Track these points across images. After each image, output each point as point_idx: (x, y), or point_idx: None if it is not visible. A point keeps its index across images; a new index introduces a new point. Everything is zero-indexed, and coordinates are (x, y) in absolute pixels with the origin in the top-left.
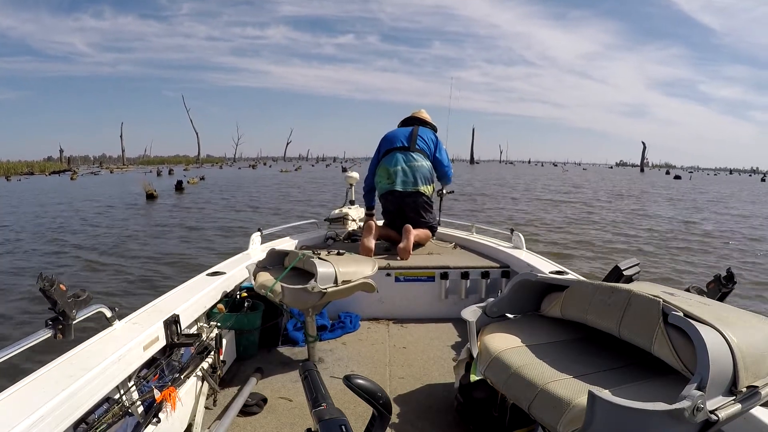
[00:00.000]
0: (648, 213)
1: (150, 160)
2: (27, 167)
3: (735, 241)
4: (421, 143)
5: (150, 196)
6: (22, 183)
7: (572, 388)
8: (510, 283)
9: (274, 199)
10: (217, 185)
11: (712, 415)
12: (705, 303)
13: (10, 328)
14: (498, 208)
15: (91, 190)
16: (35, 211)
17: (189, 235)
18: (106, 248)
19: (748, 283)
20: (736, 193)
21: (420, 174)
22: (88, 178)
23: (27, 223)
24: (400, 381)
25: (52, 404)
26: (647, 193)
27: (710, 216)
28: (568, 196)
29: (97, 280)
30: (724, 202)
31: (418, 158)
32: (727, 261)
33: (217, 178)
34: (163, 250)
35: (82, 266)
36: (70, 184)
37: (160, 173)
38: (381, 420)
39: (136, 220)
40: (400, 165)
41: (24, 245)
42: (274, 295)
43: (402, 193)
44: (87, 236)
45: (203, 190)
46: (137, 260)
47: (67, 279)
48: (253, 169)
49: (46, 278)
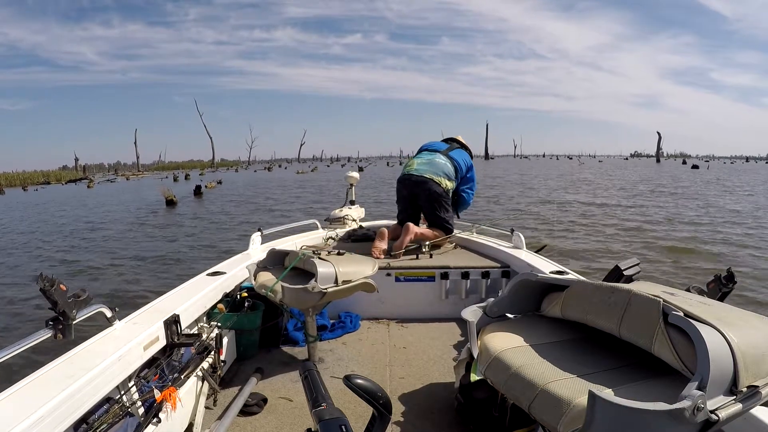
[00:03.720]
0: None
1: (165, 166)
2: (43, 177)
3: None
4: (456, 154)
5: (170, 202)
6: (39, 193)
7: (572, 388)
8: (510, 283)
9: (309, 199)
10: (236, 188)
11: (712, 414)
12: (705, 303)
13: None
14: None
15: (112, 198)
16: (70, 218)
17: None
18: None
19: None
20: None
21: (440, 168)
22: (104, 186)
23: (61, 230)
24: (401, 381)
25: (53, 404)
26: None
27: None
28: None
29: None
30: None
31: (443, 159)
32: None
33: (234, 181)
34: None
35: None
36: (89, 192)
37: (177, 178)
38: (381, 420)
39: (164, 224)
40: (423, 158)
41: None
42: (275, 295)
43: (417, 179)
44: (131, 244)
45: (226, 193)
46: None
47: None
48: (269, 172)
49: (46, 278)
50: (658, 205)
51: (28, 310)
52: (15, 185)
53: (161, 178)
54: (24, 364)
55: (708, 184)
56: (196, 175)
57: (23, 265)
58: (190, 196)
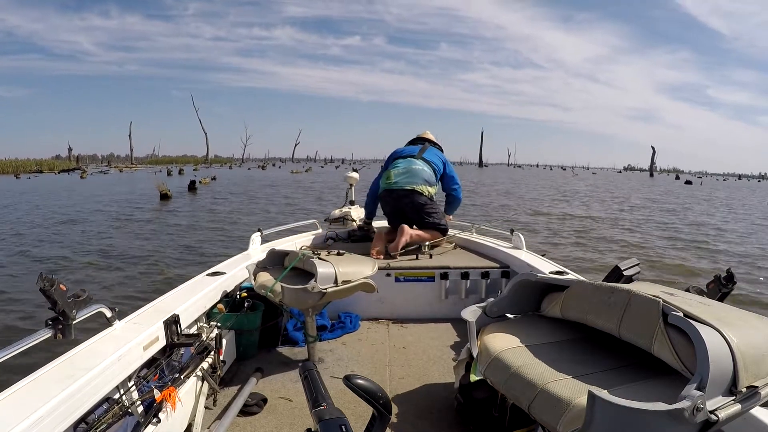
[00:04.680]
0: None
1: (158, 160)
2: (36, 165)
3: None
4: (429, 155)
5: (164, 196)
6: (31, 181)
7: (572, 388)
8: (510, 283)
9: (310, 200)
10: (231, 185)
11: (711, 415)
12: (705, 303)
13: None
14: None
15: (105, 189)
16: (64, 208)
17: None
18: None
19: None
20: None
21: (419, 176)
22: (97, 177)
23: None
24: (400, 381)
25: (52, 404)
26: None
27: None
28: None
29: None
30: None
31: (420, 164)
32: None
33: (228, 178)
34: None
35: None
36: (82, 182)
37: (171, 173)
38: (381, 420)
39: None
40: (401, 167)
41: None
42: (274, 295)
43: (398, 192)
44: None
45: (220, 189)
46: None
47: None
48: (263, 170)
49: (46, 278)
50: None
51: (28, 308)
52: (8, 173)
53: (155, 172)
54: (24, 364)
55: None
56: (189, 170)
57: (43, 258)
58: (183, 190)
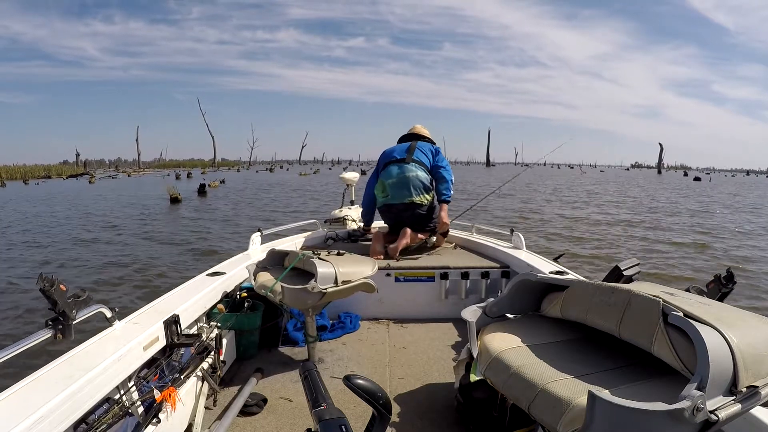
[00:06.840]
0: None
1: (166, 164)
2: (44, 171)
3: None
4: (419, 155)
5: (174, 200)
6: (40, 186)
7: (572, 388)
8: (510, 283)
9: (324, 201)
10: (240, 188)
11: (712, 415)
12: (705, 303)
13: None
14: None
15: (115, 193)
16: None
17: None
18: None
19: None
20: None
21: (414, 185)
22: (106, 182)
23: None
24: (400, 381)
25: (52, 404)
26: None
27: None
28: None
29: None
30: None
31: (413, 169)
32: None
33: (237, 181)
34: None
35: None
36: (91, 187)
37: (179, 176)
38: (381, 420)
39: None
40: (394, 177)
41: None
42: (274, 295)
43: (398, 207)
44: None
45: (229, 192)
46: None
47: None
48: (270, 173)
49: (46, 278)
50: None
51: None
52: (16, 178)
53: (163, 176)
54: (24, 365)
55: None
56: (197, 174)
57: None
58: (193, 194)
